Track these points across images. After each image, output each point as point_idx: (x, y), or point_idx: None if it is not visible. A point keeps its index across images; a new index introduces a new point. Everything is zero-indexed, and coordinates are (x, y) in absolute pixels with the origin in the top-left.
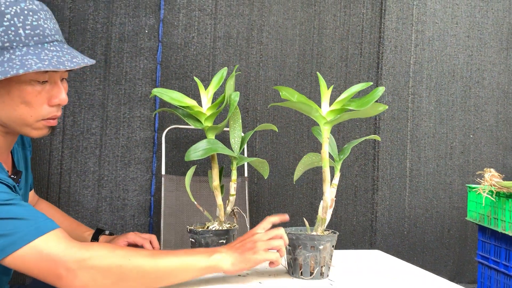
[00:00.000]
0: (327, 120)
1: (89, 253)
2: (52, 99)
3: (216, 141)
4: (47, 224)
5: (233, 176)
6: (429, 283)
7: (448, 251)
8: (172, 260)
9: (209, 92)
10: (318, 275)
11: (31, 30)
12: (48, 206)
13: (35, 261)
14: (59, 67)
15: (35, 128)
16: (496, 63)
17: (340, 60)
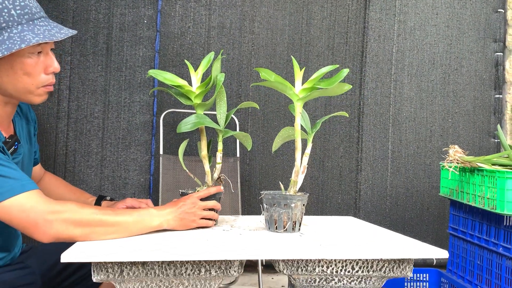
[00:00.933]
0: (299, 97)
1: (63, 208)
2: (48, 67)
3: (204, 116)
4: (30, 184)
5: (219, 146)
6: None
7: (427, 227)
8: (129, 218)
9: (198, 73)
10: (291, 229)
11: (21, 10)
12: (54, 177)
13: (18, 212)
14: (52, 39)
15: (37, 95)
16: (474, 51)
17: (327, 49)
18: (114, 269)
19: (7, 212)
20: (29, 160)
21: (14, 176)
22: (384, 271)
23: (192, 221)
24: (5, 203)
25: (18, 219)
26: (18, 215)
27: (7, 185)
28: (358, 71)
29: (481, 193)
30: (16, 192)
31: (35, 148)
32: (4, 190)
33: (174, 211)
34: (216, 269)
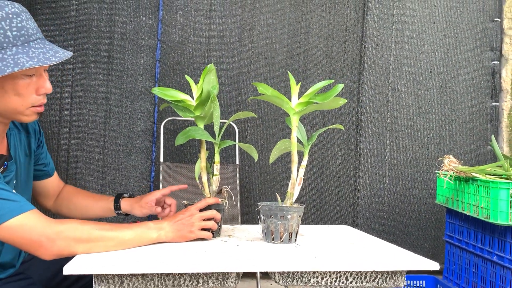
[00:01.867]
0: (296, 111)
1: (64, 226)
2: (40, 89)
3: (198, 129)
4: (27, 204)
5: (215, 158)
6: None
7: (424, 233)
8: (128, 233)
9: (199, 86)
10: (287, 240)
11: (17, 31)
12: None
13: (20, 233)
14: (46, 63)
15: (26, 115)
16: (471, 60)
17: (325, 58)
18: (115, 280)
19: (8, 233)
20: (26, 174)
21: (12, 198)
22: (377, 282)
23: (190, 232)
24: (5, 225)
25: (20, 240)
26: (20, 236)
27: (6, 207)
28: (356, 79)
29: (475, 203)
30: (16, 213)
31: (42, 160)
32: (4, 212)
33: (172, 224)
34: (213, 280)
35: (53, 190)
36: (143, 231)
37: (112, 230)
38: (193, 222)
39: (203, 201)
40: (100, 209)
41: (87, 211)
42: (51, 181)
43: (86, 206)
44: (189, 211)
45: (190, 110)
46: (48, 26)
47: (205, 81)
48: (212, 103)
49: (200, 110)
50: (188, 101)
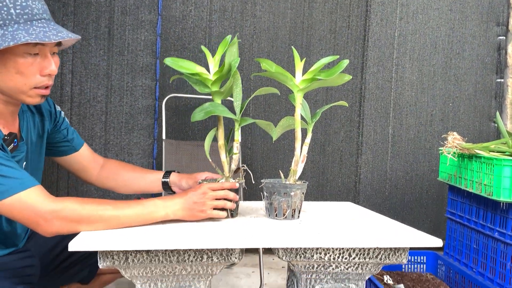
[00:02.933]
0: (300, 88)
1: (62, 206)
2: (43, 69)
3: (218, 104)
4: (30, 180)
5: (236, 136)
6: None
7: (426, 210)
8: (131, 211)
9: (216, 59)
10: (290, 216)
11: (21, 9)
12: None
13: (19, 210)
14: (44, 40)
15: (29, 96)
16: (476, 35)
17: (329, 33)
18: (120, 256)
19: (9, 210)
20: (38, 155)
21: (13, 175)
22: (380, 258)
23: (201, 211)
24: (6, 202)
25: (20, 216)
26: (19, 213)
27: (7, 184)
28: (360, 55)
29: (478, 179)
30: (16, 190)
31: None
32: (4, 189)
33: (183, 202)
34: (217, 256)
35: (87, 163)
36: (149, 209)
37: (115, 208)
38: (205, 201)
39: (219, 184)
40: (147, 182)
41: (133, 184)
42: (80, 155)
43: (132, 179)
44: (202, 189)
45: (206, 84)
46: (47, 1)
47: (227, 53)
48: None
49: (218, 84)
50: (204, 74)
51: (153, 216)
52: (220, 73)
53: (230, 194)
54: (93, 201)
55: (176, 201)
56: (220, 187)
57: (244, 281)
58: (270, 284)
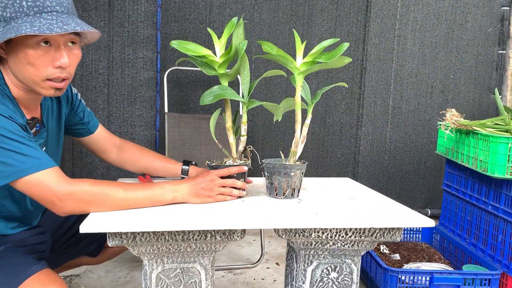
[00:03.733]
0: (300, 71)
1: (76, 187)
2: (55, 61)
3: (226, 87)
4: (48, 162)
5: (243, 118)
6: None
7: (424, 180)
8: (142, 194)
9: (222, 41)
10: (290, 196)
11: (32, 2)
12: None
13: (37, 189)
14: (45, 32)
15: (43, 87)
16: (480, 5)
17: (331, 3)
18: (128, 235)
19: (28, 187)
20: (56, 140)
21: (34, 155)
22: (375, 237)
23: (208, 196)
24: (25, 179)
25: (36, 195)
26: (36, 192)
27: (27, 162)
28: (362, 26)
29: (474, 155)
30: (35, 169)
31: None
32: (24, 167)
33: (191, 186)
34: (220, 235)
35: (103, 145)
36: (157, 192)
37: (125, 191)
38: (212, 187)
39: (226, 170)
40: (164, 169)
41: (151, 171)
42: (95, 137)
43: (151, 168)
44: (210, 176)
45: (213, 67)
46: None
47: (234, 36)
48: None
49: (225, 67)
50: (211, 57)
51: (161, 199)
52: (227, 56)
53: (238, 183)
54: (104, 183)
55: (184, 186)
56: (227, 172)
57: (245, 250)
58: (271, 252)
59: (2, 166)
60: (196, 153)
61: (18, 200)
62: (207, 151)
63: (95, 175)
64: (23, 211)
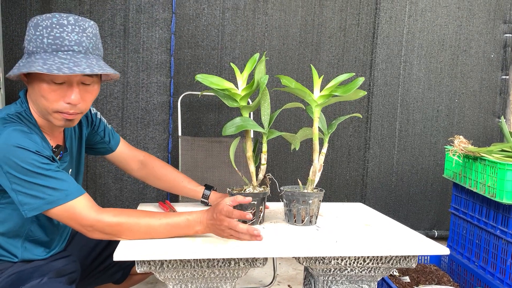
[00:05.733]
0: (318, 103)
1: (103, 216)
2: (66, 98)
3: (248, 119)
4: (75, 192)
5: (263, 148)
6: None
7: (430, 202)
8: (166, 227)
9: (244, 75)
10: (308, 223)
11: (52, 40)
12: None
13: (67, 218)
14: (53, 72)
15: (54, 118)
16: (483, 33)
17: (339, 30)
18: (156, 262)
19: (59, 216)
20: (78, 161)
21: (60, 187)
22: (391, 263)
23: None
24: (54, 211)
25: (67, 223)
26: (67, 220)
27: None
28: (369, 52)
29: (482, 180)
30: (61, 201)
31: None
32: (52, 199)
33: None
34: (244, 262)
35: (126, 161)
36: (182, 225)
37: (149, 221)
38: (223, 230)
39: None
40: (186, 190)
41: (172, 190)
42: (117, 154)
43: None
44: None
45: (235, 99)
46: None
47: (256, 71)
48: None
49: (246, 99)
50: (233, 90)
51: (185, 232)
52: (249, 89)
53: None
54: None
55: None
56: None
57: (257, 271)
58: (282, 274)
59: (32, 199)
60: (208, 176)
61: (45, 225)
62: (219, 174)
63: (108, 196)
64: (50, 235)
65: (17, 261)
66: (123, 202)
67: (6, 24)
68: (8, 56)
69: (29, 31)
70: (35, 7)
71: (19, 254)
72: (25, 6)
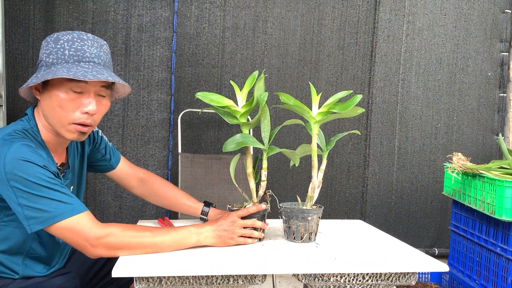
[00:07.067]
0: (316, 120)
1: (106, 232)
2: (83, 107)
3: (248, 136)
4: (80, 207)
5: (264, 164)
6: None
7: (430, 220)
8: (167, 239)
9: (243, 93)
10: (307, 240)
11: (74, 52)
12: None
13: (69, 234)
14: (79, 77)
15: (68, 130)
16: (480, 51)
17: (337, 49)
18: (154, 279)
19: (60, 232)
20: (80, 178)
21: (66, 201)
22: (391, 280)
23: (230, 238)
24: (57, 225)
25: (69, 239)
26: (69, 236)
27: (60, 208)
28: (367, 70)
29: (481, 198)
30: (67, 215)
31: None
32: (58, 212)
33: (213, 229)
34: (242, 279)
35: (126, 179)
36: (182, 237)
37: (152, 237)
38: (234, 229)
39: (245, 210)
40: (185, 207)
41: (172, 207)
42: (118, 172)
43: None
44: (231, 218)
45: (235, 116)
46: (66, 18)
47: (255, 88)
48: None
49: (246, 116)
50: (233, 107)
51: (186, 243)
52: (249, 106)
53: (258, 223)
54: (133, 228)
55: (207, 229)
56: (247, 212)
57: None
58: None
59: (38, 213)
60: (208, 193)
61: (46, 242)
62: (219, 190)
63: (107, 214)
64: (50, 252)
65: (17, 277)
66: (122, 219)
67: (9, 43)
68: (11, 74)
69: (48, 46)
70: (38, 26)
71: (20, 270)
72: (28, 25)
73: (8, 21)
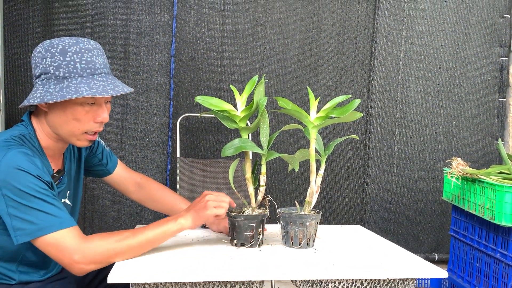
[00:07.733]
0: (314, 125)
1: (90, 246)
2: (97, 117)
3: (247, 140)
4: (68, 221)
5: (262, 170)
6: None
7: (430, 225)
8: (149, 234)
9: (243, 97)
10: (305, 245)
11: (85, 64)
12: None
13: (54, 249)
14: (103, 94)
15: (79, 139)
16: (480, 56)
17: (336, 54)
18: (151, 285)
19: (45, 247)
20: (76, 183)
21: (55, 213)
22: (389, 286)
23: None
24: (43, 239)
25: (54, 255)
26: (54, 252)
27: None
28: (366, 75)
29: (481, 203)
30: (55, 228)
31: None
32: (45, 225)
33: (188, 210)
34: (240, 285)
35: (123, 184)
36: (163, 228)
37: (133, 237)
38: (204, 200)
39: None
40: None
41: (170, 209)
42: (115, 177)
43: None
44: (202, 195)
45: (234, 120)
46: (66, 23)
47: (255, 92)
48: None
49: (245, 121)
50: (232, 111)
51: (169, 231)
52: (248, 111)
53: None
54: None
55: (183, 212)
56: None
57: None
58: None
59: (25, 224)
60: None
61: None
62: None
63: (106, 218)
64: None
65: (14, 283)
66: (120, 224)
67: (8, 47)
68: (10, 78)
69: (55, 57)
70: (38, 31)
71: (16, 277)
72: (28, 30)
73: (7, 25)
